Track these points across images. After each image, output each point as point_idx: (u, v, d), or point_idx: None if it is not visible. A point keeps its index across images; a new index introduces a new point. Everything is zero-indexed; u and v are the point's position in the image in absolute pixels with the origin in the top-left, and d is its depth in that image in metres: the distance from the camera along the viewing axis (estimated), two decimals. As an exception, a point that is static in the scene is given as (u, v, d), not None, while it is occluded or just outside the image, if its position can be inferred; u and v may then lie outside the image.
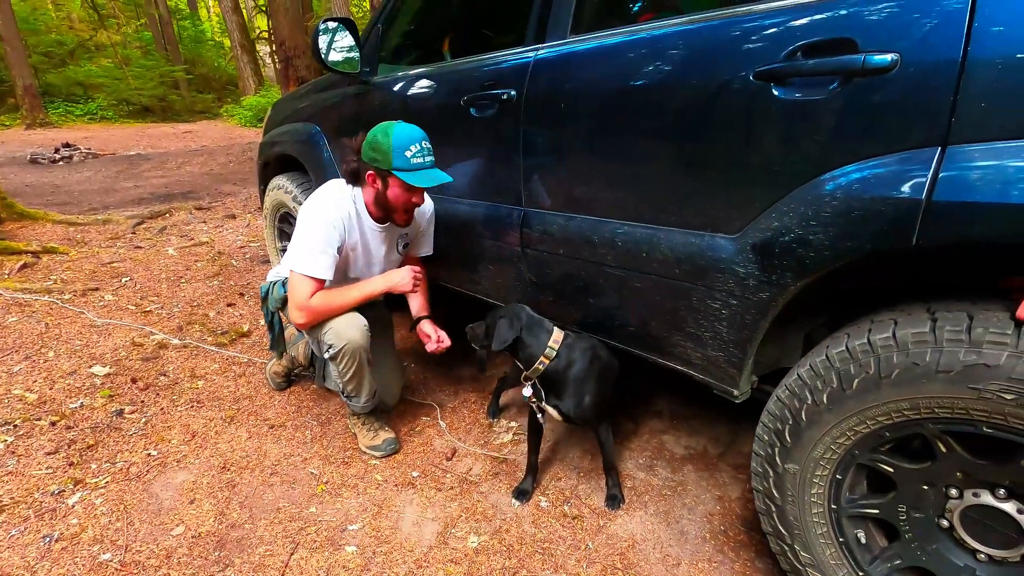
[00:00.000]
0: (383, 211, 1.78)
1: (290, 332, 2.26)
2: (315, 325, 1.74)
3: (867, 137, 0.97)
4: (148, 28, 18.40)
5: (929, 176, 0.88)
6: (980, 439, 0.94)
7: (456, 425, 2.10)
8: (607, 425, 1.68)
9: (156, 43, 18.00)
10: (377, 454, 1.90)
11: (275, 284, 1.97)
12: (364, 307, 1.80)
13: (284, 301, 1.87)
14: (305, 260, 1.67)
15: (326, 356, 1.78)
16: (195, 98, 17.75)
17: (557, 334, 1.57)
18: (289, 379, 2.32)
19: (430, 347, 1.92)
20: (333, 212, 1.71)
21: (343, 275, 1.87)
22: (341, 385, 1.83)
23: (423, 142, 1.64)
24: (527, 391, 1.63)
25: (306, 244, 1.68)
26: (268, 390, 2.30)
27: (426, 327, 1.96)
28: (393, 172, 1.63)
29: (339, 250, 1.73)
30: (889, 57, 0.92)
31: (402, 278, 1.80)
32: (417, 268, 1.84)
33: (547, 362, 1.55)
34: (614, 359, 1.67)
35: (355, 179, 1.76)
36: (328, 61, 2.13)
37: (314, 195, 1.78)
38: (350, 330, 1.73)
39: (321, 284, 1.71)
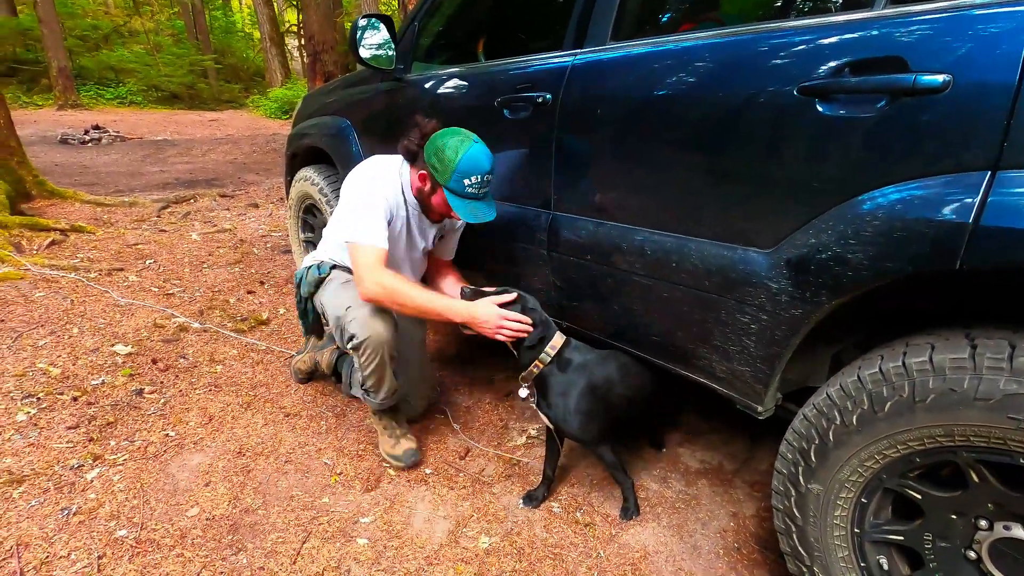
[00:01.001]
0: (423, 203, 1.76)
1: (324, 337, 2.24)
2: (339, 311, 1.70)
3: (913, 157, 0.95)
4: (181, 17, 18.76)
5: (978, 200, 0.87)
6: (1015, 470, 0.92)
7: (470, 425, 2.10)
8: (606, 446, 1.61)
9: (188, 32, 18.33)
10: (397, 464, 1.80)
11: (308, 269, 1.90)
12: None
13: (317, 284, 1.84)
14: (366, 230, 1.60)
15: (347, 345, 1.70)
16: (223, 87, 18.02)
17: (557, 339, 1.56)
18: (311, 376, 2.29)
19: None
20: (383, 186, 1.68)
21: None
22: (360, 377, 1.76)
23: (487, 175, 1.57)
24: (523, 392, 1.62)
25: (363, 214, 1.62)
26: (285, 378, 2.32)
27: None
28: (444, 189, 1.60)
29: (388, 224, 1.67)
30: (941, 78, 0.90)
31: (487, 318, 1.54)
32: (511, 318, 1.54)
33: (541, 366, 1.54)
34: (617, 379, 1.60)
35: (410, 158, 1.73)
36: (363, 56, 2.15)
37: (361, 169, 1.73)
38: (376, 322, 1.66)
39: (385, 254, 1.62)
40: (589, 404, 1.54)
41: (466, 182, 1.55)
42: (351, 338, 1.67)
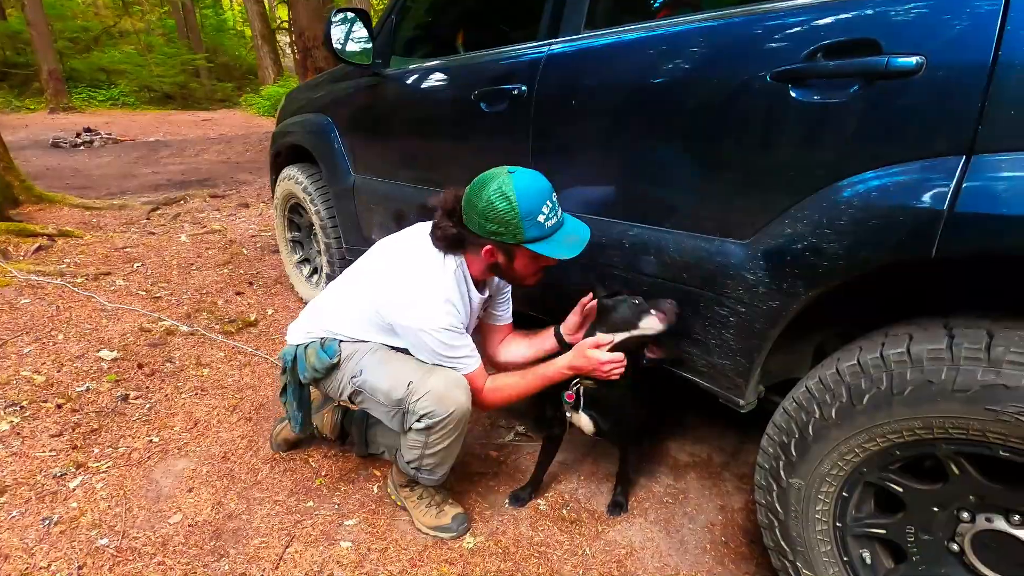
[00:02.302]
0: (504, 279, 1.51)
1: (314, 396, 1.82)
2: (398, 390, 1.40)
3: (888, 143, 0.93)
4: (171, 16, 18.61)
5: (952, 186, 0.84)
6: (996, 462, 0.90)
7: (458, 423, 2.08)
8: (636, 443, 1.62)
9: (178, 31, 18.21)
10: (446, 536, 1.53)
11: (305, 348, 1.54)
12: None
13: (325, 371, 1.49)
14: (458, 364, 1.41)
15: (416, 427, 1.38)
16: (215, 86, 17.92)
17: None
18: (297, 446, 1.89)
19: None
20: (454, 313, 1.39)
21: None
22: (416, 458, 1.44)
23: (552, 195, 1.30)
24: (568, 401, 1.51)
25: (445, 354, 1.39)
26: (271, 380, 2.30)
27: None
28: (525, 246, 1.30)
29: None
30: (914, 60, 0.88)
31: (592, 366, 1.38)
32: (612, 356, 1.38)
33: None
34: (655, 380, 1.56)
35: (454, 247, 1.41)
36: (340, 52, 2.11)
37: (421, 286, 1.38)
38: (456, 393, 1.37)
39: (483, 367, 1.47)
40: (645, 408, 1.51)
41: (541, 219, 1.27)
42: (424, 417, 1.36)
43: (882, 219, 0.92)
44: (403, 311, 1.39)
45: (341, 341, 1.52)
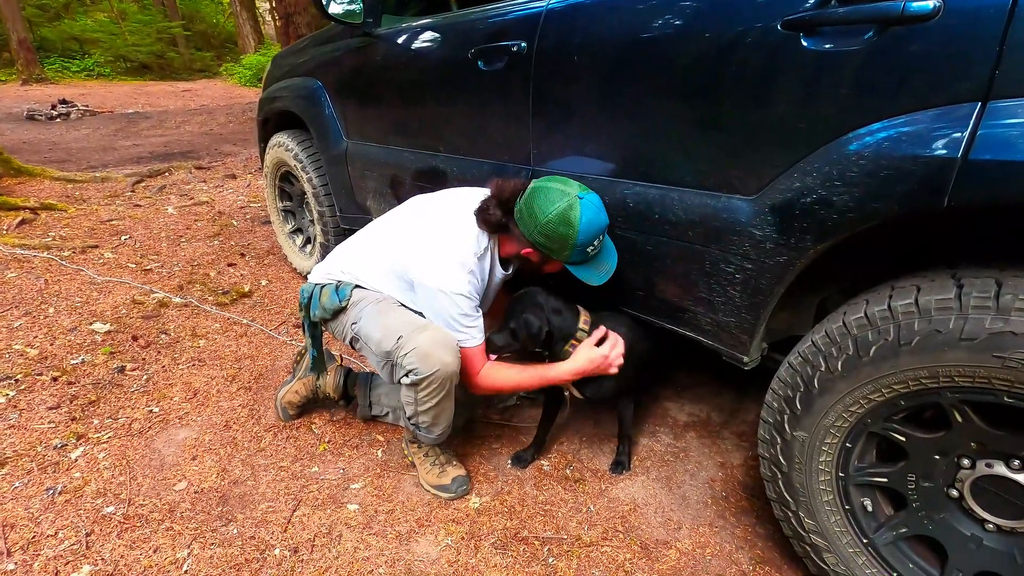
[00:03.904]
0: (525, 268, 1.56)
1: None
2: (387, 342, 1.42)
3: (902, 91, 0.91)
4: (144, -19, 17.83)
5: (967, 133, 0.83)
6: (999, 409, 0.92)
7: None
8: (628, 400, 1.64)
9: (152, -3, 17.48)
10: (446, 496, 1.55)
11: (322, 288, 1.58)
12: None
13: (335, 311, 1.53)
14: (463, 335, 1.43)
15: (404, 382, 1.41)
16: (194, 56, 17.33)
17: (585, 314, 1.52)
18: (304, 410, 1.89)
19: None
20: (474, 284, 1.44)
21: None
22: (412, 414, 1.48)
23: (606, 229, 1.37)
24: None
25: (458, 319, 1.42)
26: (270, 350, 2.29)
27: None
28: (566, 266, 1.41)
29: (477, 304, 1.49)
30: (931, 3, 0.85)
31: (596, 365, 1.45)
32: (608, 349, 1.47)
33: (577, 343, 1.49)
34: (644, 336, 1.58)
35: (497, 230, 1.47)
36: (330, 11, 2.03)
37: (451, 251, 1.43)
38: (442, 352, 1.37)
39: (484, 346, 1.50)
40: (627, 368, 1.51)
41: (589, 249, 1.36)
42: (409, 372, 1.39)
43: (894, 169, 0.91)
44: (427, 269, 1.42)
45: (356, 287, 1.55)
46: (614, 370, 1.48)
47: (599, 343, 1.48)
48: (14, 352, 2.14)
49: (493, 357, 1.52)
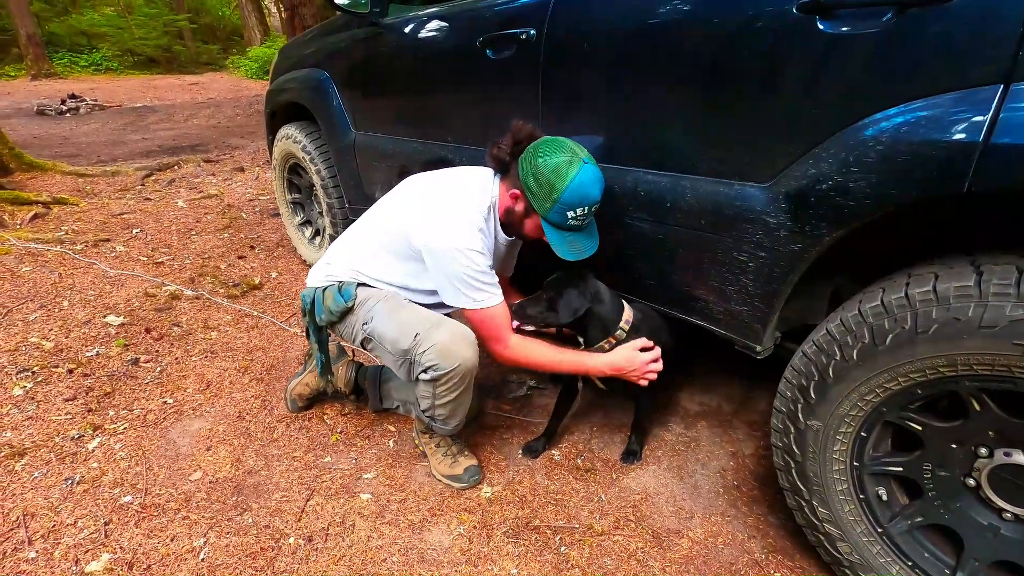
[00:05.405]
0: (511, 225, 1.50)
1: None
2: (404, 340, 1.40)
3: (920, 74, 0.89)
4: (149, -26, 17.82)
5: (989, 116, 0.81)
6: (1017, 397, 0.91)
7: (469, 379, 2.09)
8: (651, 395, 1.61)
9: (158, -10, 17.49)
10: (457, 485, 1.55)
11: (324, 290, 1.55)
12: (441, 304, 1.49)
13: (341, 313, 1.50)
14: (484, 294, 1.39)
15: (423, 378, 1.40)
16: (200, 49, 17.37)
17: (628, 312, 1.48)
18: (312, 403, 1.91)
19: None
20: (483, 241, 1.41)
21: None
22: (428, 407, 1.47)
23: (594, 207, 1.33)
24: None
25: (476, 277, 1.37)
26: (281, 341, 2.30)
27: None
28: (543, 220, 1.37)
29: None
30: (952, -17, 0.83)
31: (633, 367, 1.44)
32: (651, 359, 1.46)
33: (614, 342, 1.47)
34: (672, 333, 1.57)
35: (500, 170, 1.46)
36: (336, 1, 2.02)
37: (457, 210, 1.40)
38: (462, 347, 1.37)
39: (506, 308, 1.45)
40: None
41: (569, 215, 1.32)
42: (428, 368, 1.37)
43: (913, 154, 0.89)
44: (437, 232, 1.38)
45: (359, 284, 1.53)
46: (644, 382, 1.47)
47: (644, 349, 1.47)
48: (30, 345, 2.16)
49: (515, 325, 1.48)
